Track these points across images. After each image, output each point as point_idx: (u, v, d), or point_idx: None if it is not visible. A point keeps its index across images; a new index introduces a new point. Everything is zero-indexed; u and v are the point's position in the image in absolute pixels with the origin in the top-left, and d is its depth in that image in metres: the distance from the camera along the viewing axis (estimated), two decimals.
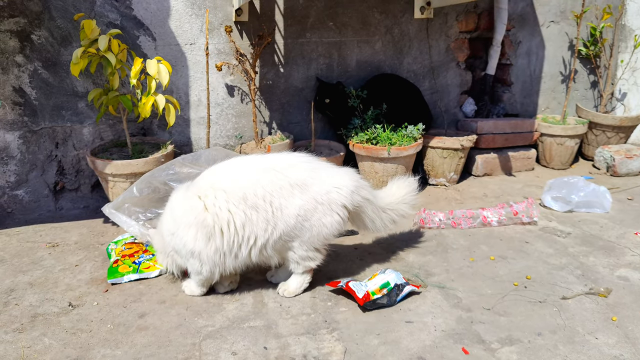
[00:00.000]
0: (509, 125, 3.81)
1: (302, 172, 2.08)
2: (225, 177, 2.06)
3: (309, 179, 2.07)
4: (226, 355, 1.83)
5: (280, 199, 2.02)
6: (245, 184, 2.01)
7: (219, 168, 2.13)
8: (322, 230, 2.10)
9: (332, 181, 2.12)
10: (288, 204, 2.03)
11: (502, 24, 3.84)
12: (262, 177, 2.04)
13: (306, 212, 2.05)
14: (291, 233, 2.06)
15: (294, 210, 2.03)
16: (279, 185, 2.03)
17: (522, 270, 2.42)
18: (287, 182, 2.04)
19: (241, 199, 1.99)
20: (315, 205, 2.06)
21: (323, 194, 2.08)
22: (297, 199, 2.03)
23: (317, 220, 2.08)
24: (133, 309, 2.11)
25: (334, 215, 2.10)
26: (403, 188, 2.41)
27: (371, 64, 3.65)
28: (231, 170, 2.09)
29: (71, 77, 2.99)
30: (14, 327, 1.99)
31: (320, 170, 2.13)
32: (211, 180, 2.06)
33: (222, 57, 3.24)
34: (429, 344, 1.90)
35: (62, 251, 2.61)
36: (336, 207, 2.10)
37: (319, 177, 2.10)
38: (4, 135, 2.95)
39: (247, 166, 2.10)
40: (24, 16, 2.84)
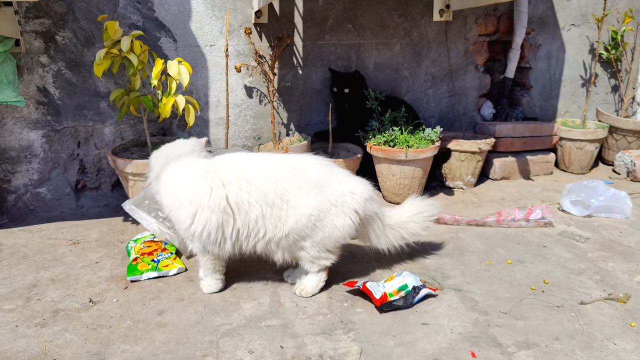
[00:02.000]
0: (527, 128, 3.79)
1: (320, 174, 2.12)
2: (251, 169, 2.09)
3: (326, 181, 2.11)
4: (243, 354, 1.85)
5: (296, 198, 2.06)
6: (268, 181, 2.05)
7: (245, 159, 2.16)
8: (334, 232, 2.13)
9: (348, 186, 2.16)
10: (303, 203, 2.06)
11: (522, 27, 3.81)
12: (283, 175, 2.08)
13: (320, 212, 2.08)
14: (302, 232, 2.09)
15: (307, 209, 2.06)
16: (297, 185, 2.07)
17: (539, 274, 2.41)
18: (305, 182, 2.08)
19: (262, 195, 2.03)
20: (329, 207, 2.09)
21: (338, 196, 2.11)
22: (312, 199, 2.07)
23: (330, 221, 2.11)
24: (152, 306, 2.14)
25: (346, 218, 2.13)
26: (416, 207, 2.43)
27: (389, 67, 3.66)
28: (256, 164, 2.13)
29: (94, 77, 3.04)
30: (36, 321, 2.04)
31: (337, 174, 2.18)
32: (237, 169, 2.09)
33: (241, 58, 3.28)
34: (445, 346, 1.90)
35: (83, 248, 2.65)
36: (349, 211, 2.13)
37: (335, 180, 2.14)
38: (27, 134, 3.02)
39: (270, 163, 2.14)
40: (48, 17, 2.90)
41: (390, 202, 3.30)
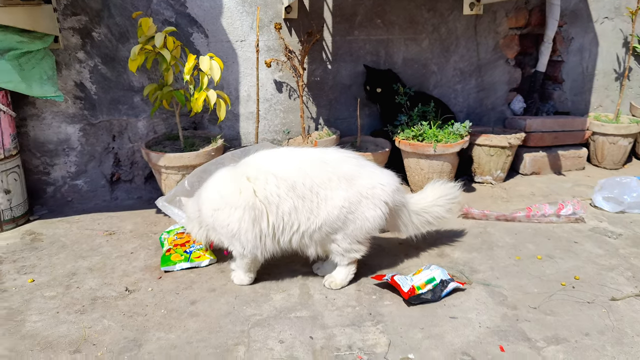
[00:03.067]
0: (558, 123, 3.74)
1: (350, 166, 2.15)
2: (277, 164, 2.13)
3: (356, 173, 2.14)
4: (274, 343, 1.90)
5: (326, 191, 2.09)
6: (295, 174, 2.08)
7: (270, 154, 2.20)
8: (365, 224, 2.16)
9: (377, 177, 2.18)
10: (334, 195, 2.09)
11: (554, 20, 3.76)
12: (312, 168, 2.11)
13: (350, 204, 2.11)
14: (334, 224, 2.12)
15: (338, 202, 2.09)
16: (327, 177, 2.10)
17: (570, 270, 2.39)
18: (335, 174, 2.11)
19: (290, 187, 2.06)
20: (359, 199, 2.12)
21: (368, 188, 2.14)
22: (343, 191, 2.10)
23: (361, 213, 2.14)
24: (185, 296, 2.20)
25: (376, 209, 2.16)
26: (438, 191, 2.48)
27: (418, 62, 3.65)
28: (282, 158, 2.17)
29: (128, 72, 3.12)
30: (75, 308, 2.12)
31: (366, 167, 2.21)
32: (262, 164, 2.13)
33: (271, 53, 3.32)
34: (473, 339, 1.91)
35: (118, 239, 2.74)
36: (379, 202, 2.16)
37: (365, 173, 2.17)
38: (65, 128, 3.12)
39: (297, 156, 2.18)
40: (85, 14, 2.99)
41: None
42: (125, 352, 1.84)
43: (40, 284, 2.29)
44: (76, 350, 1.85)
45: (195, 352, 1.85)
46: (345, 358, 1.82)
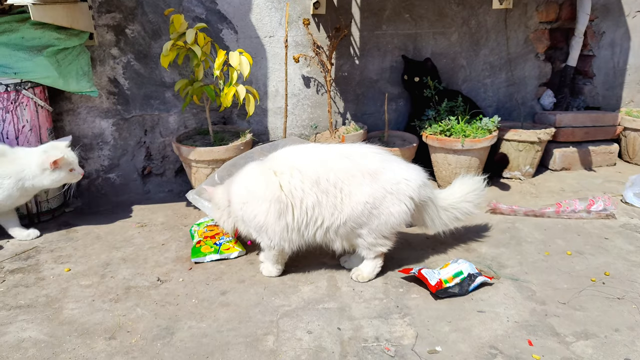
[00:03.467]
0: (589, 118, 3.68)
1: (374, 162, 2.16)
2: (302, 159, 2.16)
3: (380, 169, 2.15)
4: (302, 334, 1.93)
5: (350, 186, 2.11)
6: (320, 169, 2.11)
7: (296, 150, 2.24)
8: (390, 219, 2.17)
9: (402, 173, 2.19)
10: (357, 191, 2.11)
11: (585, 14, 3.69)
12: (336, 164, 2.13)
13: (375, 200, 2.12)
14: (359, 220, 2.13)
15: (362, 197, 2.11)
16: (351, 174, 2.12)
17: (600, 266, 2.36)
18: (358, 170, 2.12)
19: (314, 182, 2.09)
20: (384, 194, 2.13)
21: (393, 183, 2.15)
22: (367, 187, 2.11)
23: (386, 208, 2.15)
24: (215, 287, 2.25)
25: (401, 205, 2.16)
26: (466, 186, 2.45)
27: (446, 56, 3.63)
28: (307, 153, 2.20)
29: (160, 68, 3.19)
30: (110, 297, 2.19)
31: (391, 162, 2.21)
32: (288, 159, 2.17)
33: (299, 49, 3.35)
34: (501, 333, 1.91)
35: (149, 231, 2.81)
36: (404, 198, 2.16)
37: (390, 168, 2.18)
38: (99, 123, 3.20)
39: (322, 152, 2.21)
40: (119, 11, 3.06)
41: None
42: (158, 340, 1.90)
43: (76, 273, 2.37)
44: (111, 337, 1.92)
45: (225, 340, 1.89)
46: (372, 349, 1.84)
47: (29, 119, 2.77)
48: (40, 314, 2.07)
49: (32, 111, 2.78)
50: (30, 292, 2.22)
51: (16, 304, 2.13)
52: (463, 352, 1.82)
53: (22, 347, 1.86)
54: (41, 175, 2.55)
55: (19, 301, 2.16)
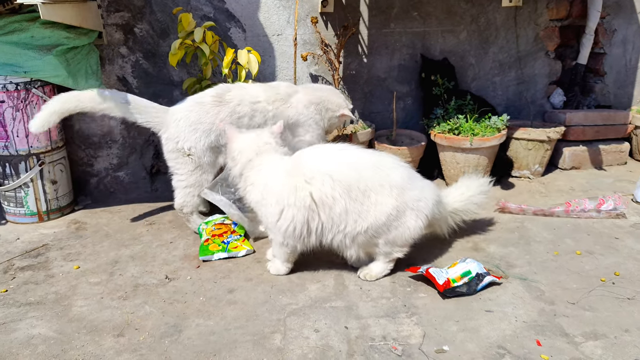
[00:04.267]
0: (600, 117, 3.65)
1: (401, 176, 2.19)
2: (333, 164, 2.15)
3: (407, 185, 2.18)
4: (309, 332, 1.93)
5: (377, 196, 2.13)
6: (351, 176, 2.12)
7: (325, 152, 2.23)
8: (406, 233, 2.20)
9: (423, 191, 2.24)
10: (384, 201, 2.13)
11: (596, 11, 3.66)
12: (367, 172, 2.14)
13: (398, 212, 2.15)
14: (379, 230, 2.15)
15: (387, 209, 2.13)
16: (379, 183, 2.13)
17: (610, 266, 2.34)
18: (387, 182, 2.14)
19: (345, 190, 2.10)
20: (405, 209, 2.17)
21: (415, 200, 2.19)
22: (394, 199, 2.14)
23: (404, 222, 2.18)
24: (223, 285, 2.26)
25: (418, 221, 2.20)
26: (472, 188, 2.55)
27: (455, 54, 3.61)
28: (338, 158, 2.19)
29: (168, 67, 3.20)
30: (118, 294, 2.20)
31: (414, 179, 2.26)
32: (319, 164, 2.16)
33: (307, 47, 3.34)
34: (509, 333, 1.90)
35: (158, 229, 2.82)
36: (421, 215, 2.21)
37: (414, 185, 2.22)
38: (108, 121, 3.22)
39: (352, 157, 2.20)
40: (128, 10, 3.08)
41: None
42: (166, 337, 1.91)
43: (85, 271, 2.39)
44: (120, 334, 1.93)
45: (233, 338, 1.90)
46: (379, 348, 1.84)
47: None
48: (50, 311, 2.08)
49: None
50: (39, 289, 2.24)
51: (26, 301, 2.15)
52: (471, 352, 1.81)
53: (31, 344, 1.88)
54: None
55: (28, 298, 2.17)
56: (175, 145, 2.58)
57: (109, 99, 2.53)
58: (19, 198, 2.85)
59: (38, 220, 2.90)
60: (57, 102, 2.48)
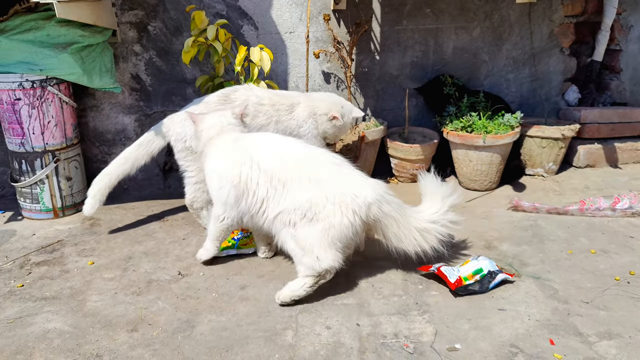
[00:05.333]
0: (616, 114, 3.61)
1: (323, 170, 2.11)
2: (264, 153, 2.17)
3: (327, 178, 2.08)
4: (321, 329, 1.94)
5: (294, 187, 2.08)
6: (275, 166, 2.12)
7: (264, 141, 2.25)
8: (330, 231, 2.04)
9: (351, 186, 2.09)
10: (300, 193, 2.06)
11: (613, 8, 3.61)
12: (289, 164, 2.12)
13: (312, 205, 2.04)
14: (293, 217, 2.07)
15: (301, 200, 2.05)
16: (299, 176, 2.08)
17: (625, 265, 2.32)
18: (307, 175, 2.08)
19: (268, 179, 2.11)
20: (325, 203, 2.04)
21: (337, 194, 2.04)
22: (310, 192, 2.05)
23: (325, 216, 2.04)
24: (235, 281, 2.27)
25: (343, 218, 2.04)
26: (437, 195, 2.28)
27: (468, 51, 3.59)
28: (272, 147, 2.21)
29: (181, 64, 3.21)
30: (132, 290, 2.22)
31: (343, 175, 2.13)
32: (253, 150, 2.18)
33: (319, 44, 3.34)
34: (522, 332, 1.89)
35: (171, 225, 2.84)
36: (346, 211, 2.04)
37: (339, 180, 2.09)
38: (122, 118, 3.25)
39: (286, 150, 2.20)
40: (141, 9, 3.10)
41: (467, 188, 3.27)
42: (179, 333, 1.93)
43: (100, 266, 2.41)
44: (133, 329, 1.95)
45: (245, 334, 1.91)
46: (391, 345, 1.84)
47: (54, 115, 2.82)
48: (65, 305, 2.11)
49: (57, 107, 2.83)
50: (55, 284, 2.27)
51: (42, 296, 2.18)
52: (483, 351, 1.80)
53: (47, 338, 1.91)
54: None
55: (44, 293, 2.20)
56: (184, 145, 2.61)
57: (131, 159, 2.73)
58: (35, 194, 2.89)
59: (53, 216, 2.94)
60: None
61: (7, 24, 2.70)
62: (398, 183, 3.39)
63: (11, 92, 2.72)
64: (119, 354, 1.82)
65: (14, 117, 2.76)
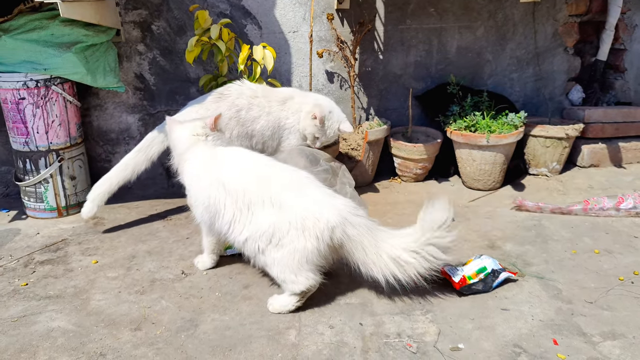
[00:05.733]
0: (620, 114, 3.59)
1: (286, 193, 2.02)
2: (229, 173, 2.10)
3: (289, 202, 2.00)
4: (324, 328, 1.94)
5: (258, 211, 2.02)
6: (239, 188, 2.05)
7: (230, 160, 2.16)
8: (295, 255, 1.98)
9: (313, 210, 1.98)
10: (262, 217, 2.01)
11: (617, 7, 3.60)
12: (254, 186, 2.04)
13: (275, 230, 1.99)
14: (264, 247, 2.02)
15: (264, 225, 2.00)
16: (262, 199, 2.02)
17: (629, 265, 2.31)
18: (269, 198, 2.01)
19: (234, 201, 2.05)
20: (288, 228, 1.98)
21: (298, 219, 1.97)
22: (273, 216, 1.99)
23: (289, 241, 1.98)
24: (238, 280, 2.28)
25: (307, 242, 1.97)
26: (427, 222, 2.02)
27: (472, 50, 3.58)
28: (236, 167, 2.13)
29: (185, 64, 3.22)
30: (136, 289, 2.23)
31: (305, 197, 2.02)
32: (219, 171, 2.12)
33: (323, 44, 3.34)
34: (526, 332, 1.88)
35: (174, 225, 2.85)
36: (309, 235, 1.96)
37: (301, 202, 2.00)
38: (126, 118, 3.26)
39: (248, 167, 2.13)
40: (145, 8, 3.10)
41: (470, 187, 3.26)
42: (183, 331, 1.93)
43: (103, 265, 2.42)
44: (137, 328, 1.95)
45: (248, 333, 1.91)
46: (394, 345, 1.84)
47: (58, 114, 2.83)
48: (69, 304, 2.12)
49: (61, 106, 2.84)
50: (59, 283, 2.28)
51: (46, 295, 2.19)
52: (486, 350, 1.80)
53: (51, 336, 1.91)
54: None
55: (48, 292, 2.21)
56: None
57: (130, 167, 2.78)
58: (39, 193, 2.90)
59: (57, 215, 2.95)
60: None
61: (12, 23, 2.71)
62: (401, 182, 3.39)
63: (15, 92, 2.73)
64: (122, 353, 1.82)
65: (19, 116, 2.77)
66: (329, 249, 2.00)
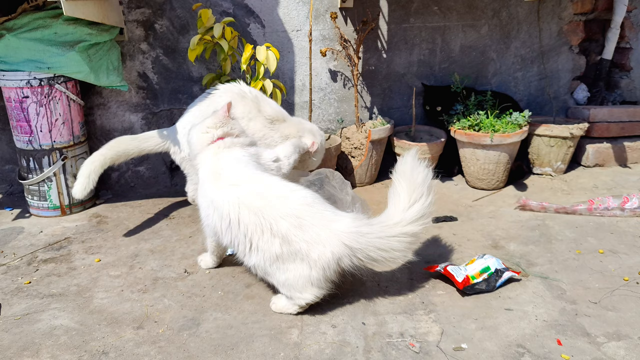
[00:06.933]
0: (626, 113, 3.57)
1: (286, 226, 1.93)
2: (224, 199, 2.02)
3: (290, 236, 1.93)
4: (326, 327, 1.93)
5: (256, 240, 1.97)
6: (234, 217, 1.98)
7: (227, 181, 2.07)
8: (300, 280, 1.96)
9: (317, 241, 1.93)
10: (263, 245, 1.96)
11: (623, 5, 3.58)
12: (248, 217, 1.96)
13: (278, 258, 1.95)
14: (268, 269, 2.00)
15: (267, 254, 1.96)
16: (260, 229, 1.95)
17: (634, 265, 2.30)
18: (269, 229, 1.94)
19: (229, 227, 2.00)
20: (294, 258, 1.94)
21: (303, 252, 1.93)
22: (275, 246, 1.94)
23: (294, 268, 1.95)
24: (240, 279, 2.27)
25: (312, 271, 1.94)
26: (409, 192, 1.99)
27: (476, 49, 3.57)
28: (231, 193, 2.02)
29: (187, 63, 3.22)
30: (138, 287, 2.23)
31: (309, 229, 1.93)
32: (215, 195, 2.05)
33: (326, 43, 3.33)
34: (529, 332, 1.87)
35: (177, 223, 2.84)
36: (314, 266, 1.94)
37: (303, 237, 1.93)
38: (129, 117, 3.26)
39: (244, 194, 2.01)
40: (148, 7, 3.10)
41: (474, 187, 3.25)
42: (185, 330, 1.93)
43: (106, 264, 2.42)
44: (139, 327, 1.95)
45: (250, 332, 1.91)
46: (397, 345, 1.83)
47: (61, 113, 2.84)
48: (72, 302, 2.12)
49: (64, 105, 2.84)
50: (62, 281, 2.28)
51: (49, 293, 2.19)
52: (489, 351, 1.79)
53: (54, 334, 1.92)
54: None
55: (51, 290, 2.21)
56: (181, 156, 2.75)
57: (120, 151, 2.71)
58: (42, 192, 2.90)
59: (60, 214, 2.95)
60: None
61: (15, 22, 2.71)
62: None
63: (19, 90, 2.73)
64: (124, 351, 1.82)
65: (22, 114, 2.77)
66: (335, 273, 1.97)
